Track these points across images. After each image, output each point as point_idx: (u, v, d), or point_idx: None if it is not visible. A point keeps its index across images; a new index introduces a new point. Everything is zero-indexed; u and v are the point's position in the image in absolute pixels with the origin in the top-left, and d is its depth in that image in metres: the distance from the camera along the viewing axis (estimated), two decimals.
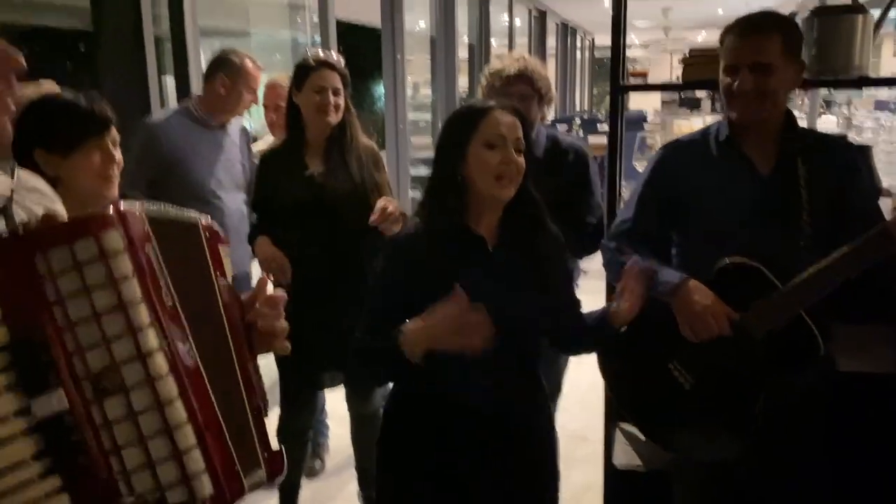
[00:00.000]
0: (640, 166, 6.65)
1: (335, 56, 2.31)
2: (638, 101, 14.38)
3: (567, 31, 12.87)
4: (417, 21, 7.04)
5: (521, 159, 1.50)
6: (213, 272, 0.94)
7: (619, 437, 2.30)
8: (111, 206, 0.79)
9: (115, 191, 1.48)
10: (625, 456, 2.24)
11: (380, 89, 5.99)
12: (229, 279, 0.99)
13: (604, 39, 14.32)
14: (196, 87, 3.26)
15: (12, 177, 0.95)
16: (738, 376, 1.68)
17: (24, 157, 1.45)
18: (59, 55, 5.80)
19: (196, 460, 0.77)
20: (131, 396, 0.76)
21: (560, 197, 2.06)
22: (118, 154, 1.50)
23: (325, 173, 2.27)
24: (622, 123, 2.31)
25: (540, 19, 10.68)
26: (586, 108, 15.06)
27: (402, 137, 5.48)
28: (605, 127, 8.41)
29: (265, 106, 3.01)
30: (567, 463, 3.07)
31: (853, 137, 3.22)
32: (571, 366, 2.50)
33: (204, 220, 0.98)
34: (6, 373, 0.73)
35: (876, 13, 2.15)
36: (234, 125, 2.83)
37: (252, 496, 0.87)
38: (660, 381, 1.76)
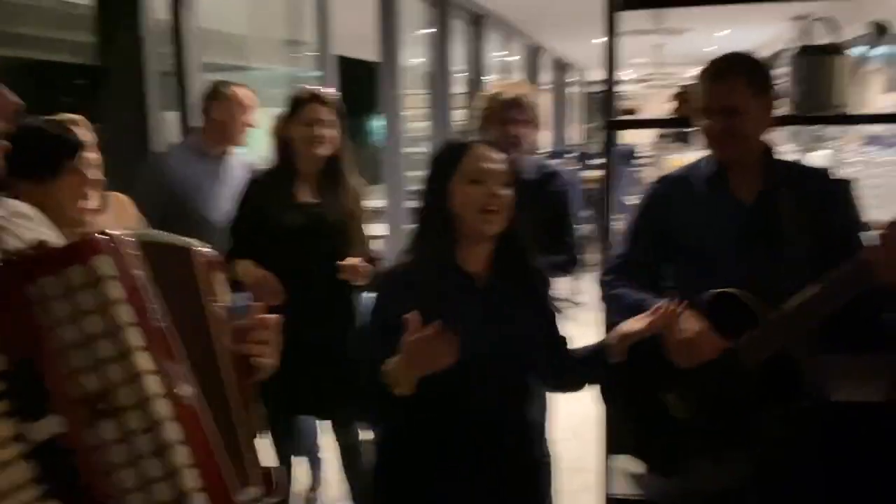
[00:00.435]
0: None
1: (329, 91, 2.37)
2: (631, 135, 14.52)
3: (561, 67, 13.08)
4: (413, 56, 7.16)
5: (509, 194, 1.50)
6: (202, 296, 0.96)
7: (616, 468, 2.30)
8: (102, 233, 0.82)
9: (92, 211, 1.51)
10: (622, 487, 2.23)
11: (374, 123, 6.08)
12: (226, 305, 1.01)
13: (597, 75, 14.54)
14: (198, 122, 3.32)
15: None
16: (731, 406, 1.69)
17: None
18: (63, 90, 5.88)
19: (189, 478, 0.79)
20: (126, 418, 0.78)
21: (545, 219, 2.16)
22: (93, 173, 1.56)
23: (316, 204, 2.31)
24: (613, 159, 2.37)
25: (534, 55, 10.86)
26: (580, 142, 15.22)
27: (400, 171, 5.55)
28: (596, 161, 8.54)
29: None
30: (563, 495, 3.05)
31: (840, 171, 3.28)
32: (567, 398, 2.51)
33: (200, 246, 0.99)
34: (2, 399, 0.75)
35: (859, 51, 2.21)
36: (238, 158, 2.89)
37: None
38: (654, 411, 1.77)
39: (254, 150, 3.02)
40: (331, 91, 2.37)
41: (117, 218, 2.22)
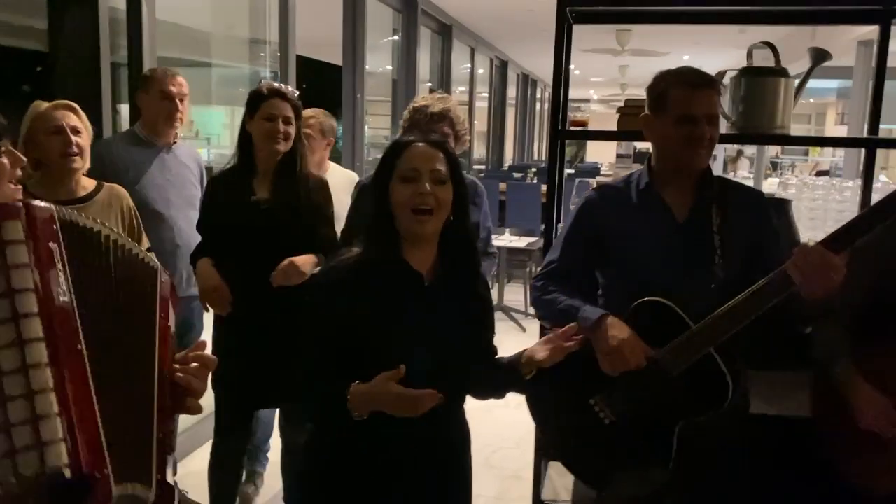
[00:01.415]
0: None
1: (289, 87, 2.37)
2: (597, 154, 14.74)
3: (527, 82, 13.23)
4: (381, 63, 7.17)
5: (443, 191, 1.48)
6: (127, 288, 0.95)
7: (549, 474, 2.32)
8: (20, 201, 0.81)
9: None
10: (553, 492, 2.25)
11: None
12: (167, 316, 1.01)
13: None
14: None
15: None
16: (655, 412, 1.72)
17: None
18: (16, 75, 5.74)
19: (59, 455, 0.77)
20: (4, 382, 0.76)
21: None
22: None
23: (270, 200, 2.30)
24: (561, 169, 2.40)
25: (501, 69, 10.97)
26: (544, 157, 15.40)
27: (359, 174, 5.54)
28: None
29: None
30: (501, 502, 3.10)
31: (779, 192, 3.37)
32: (511, 408, 2.54)
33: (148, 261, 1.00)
34: None
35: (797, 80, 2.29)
36: (185, 149, 2.89)
37: None
38: (582, 416, 1.79)
39: (210, 142, 3.00)
40: (290, 88, 2.37)
41: (108, 207, 2.21)
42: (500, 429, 3.69)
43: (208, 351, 1.15)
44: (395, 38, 6.68)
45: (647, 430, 1.73)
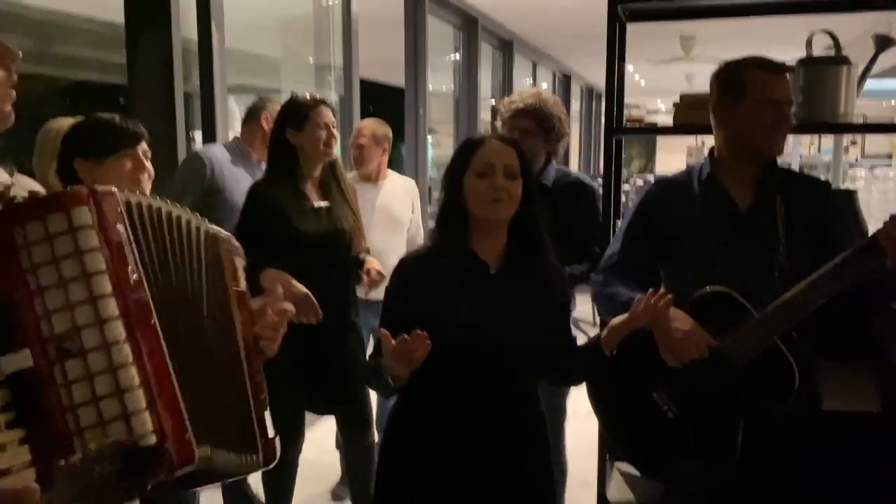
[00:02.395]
0: None
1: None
2: (667, 164, 14.41)
3: (591, 95, 13.13)
4: (443, 83, 7.29)
5: (515, 185, 1.57)
6: (196, 262, 1.01)
7: (615, 475, 2.30)
8: (88, 187, 0.88)
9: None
10: (619, 492, 2.23)
11: (399, 149, 6.20)
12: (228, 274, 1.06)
13: (630, 101, 14.53)
14: (221, 139, 3.44)
15: (11, 175, 1.06)
16: (720, 405, 1.69)
17: (66, 167, 1.63)
18: (99, 108, 6.13)
19: (144, 423, 0.83)
20: (88, 359, 0.83)
21: (568, 227, 2.15)
22: (149, 165, 1.72)
23: (331, 207, 2.37)
24: (618, 168, 2.38)
25: (564, 82, 10.94)
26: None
27: (423, 194, 5.62)
28: (626, 187, 8.56)
29: (351, 145, 3.27)
30: None
31: (846, 185, 3.25)
32: (580, 419, 2.54)
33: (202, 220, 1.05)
34: None
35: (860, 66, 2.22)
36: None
37: None
38: (645, 410, 1.78)
39: None
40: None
41: None
42: (569, 437, 3.64)
43: None
44: (456, 56, 6.78)
45: (711, 424, 1.71)
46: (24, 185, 1.09)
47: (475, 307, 1.55)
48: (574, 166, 12.20)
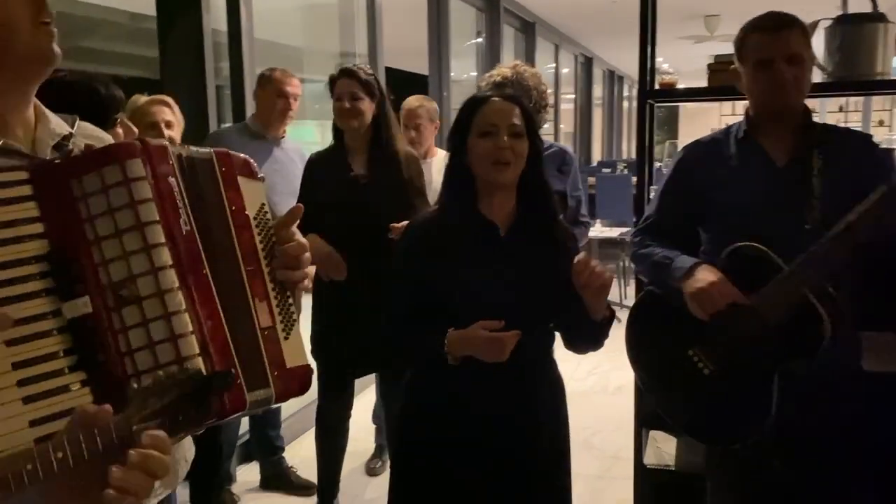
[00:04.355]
0: None
1: (361, 66, 2.51)
2: (696, 132, 14.22)
3: (613, 79, 13.01)
4: (465, 70, 7.27)
5: (520, 144, 1.54)
6: (225, 201, 1.01)
7: (650, 441, 2.29)
8: (140, 140, 0.90)
9: None
10: (655, 456, 2.23)
11: None
12: (251, 210, 1.05)
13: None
14: None
15: (72, 126, 1.07)
16: (754, 361, 1.68)
17: None
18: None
19: (197, 367, 0.84)
20: (144, 305, 0.85)
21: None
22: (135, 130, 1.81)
23: (367, 175, 2.42)
24: (651, 131, 2.35)
25: (586, 66, 10.84)
26: (633, 155, 15.04)
27: None
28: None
29: (405, 126, 3.22)
30: (603, 481, 3.09)
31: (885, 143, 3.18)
32: (609, 393, 2.55)
33: (219, 153, 1.03)
34: (44, 279, 0.83)
35: None
36: (292, 145, 3.08)
37: None
38: (682, 368, 1.77)
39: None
40: (365, 67, 2.50)
41: None
42: (600, 411, 3.67)
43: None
44: (479, 40, 6.76)
45: (746, 380, 1.70)
46: (87, 133, 1.10)
47: (486, 270, 1.53)
48: (597, 151, 12.12)
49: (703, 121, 14.76)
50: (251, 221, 1.03)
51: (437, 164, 3.23)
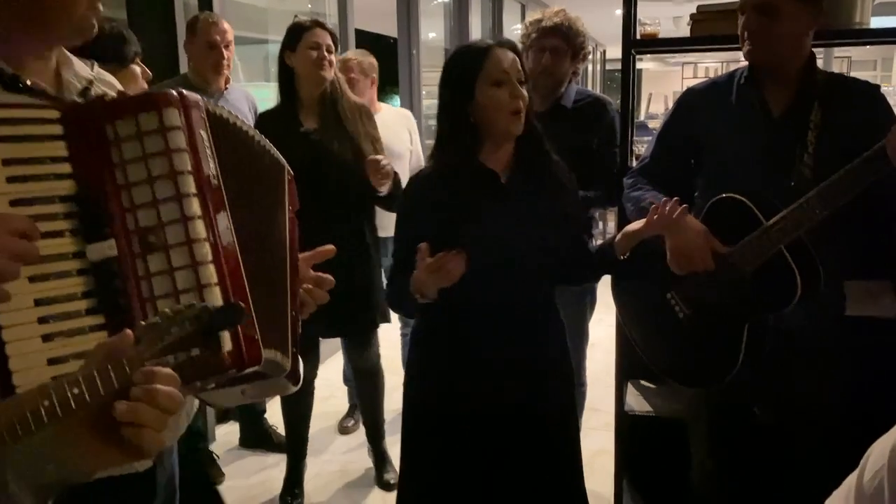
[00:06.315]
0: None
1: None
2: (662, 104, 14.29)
3: None
4: (429, 33, 7.17)
5: (525, 91, 1.55)
6: (264, 177, 1.05)
7: (630, 390, 2.35)
8: (175, 90, 0.89)
9: None
10: (636, 403, 2.28)
11: (393, 100, 6.14)
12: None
13: (615, 52, 14.29)
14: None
15: (91, 69, 1.07)
16: (727, 309, 1.71)
17: None
18: None
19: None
20: (171, 253, 0.84)
21: (589, 149, 2.19)
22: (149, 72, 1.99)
23: (321, 130, 2.36)
24: (635, 81, 2.32)
25: None
26: None
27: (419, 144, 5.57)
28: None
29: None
30: (581, 432, 3.15)
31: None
32: (591, 347, 2.60)
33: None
34: (69, 219, 0.83)
35: None
36: (237, 93, 2.94)
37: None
38: (661, 309, 1.81)
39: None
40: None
41: None
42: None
43: None
44: (446, 0, 6.66)
45: (717, 326, 1.73)
46: (105, 80, 1.10)
47: (490, 218, 1.54)
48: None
49: (666, 85, 14.81)
50: (281, 196, 1.06)
51: (381, 119, 3.12)
